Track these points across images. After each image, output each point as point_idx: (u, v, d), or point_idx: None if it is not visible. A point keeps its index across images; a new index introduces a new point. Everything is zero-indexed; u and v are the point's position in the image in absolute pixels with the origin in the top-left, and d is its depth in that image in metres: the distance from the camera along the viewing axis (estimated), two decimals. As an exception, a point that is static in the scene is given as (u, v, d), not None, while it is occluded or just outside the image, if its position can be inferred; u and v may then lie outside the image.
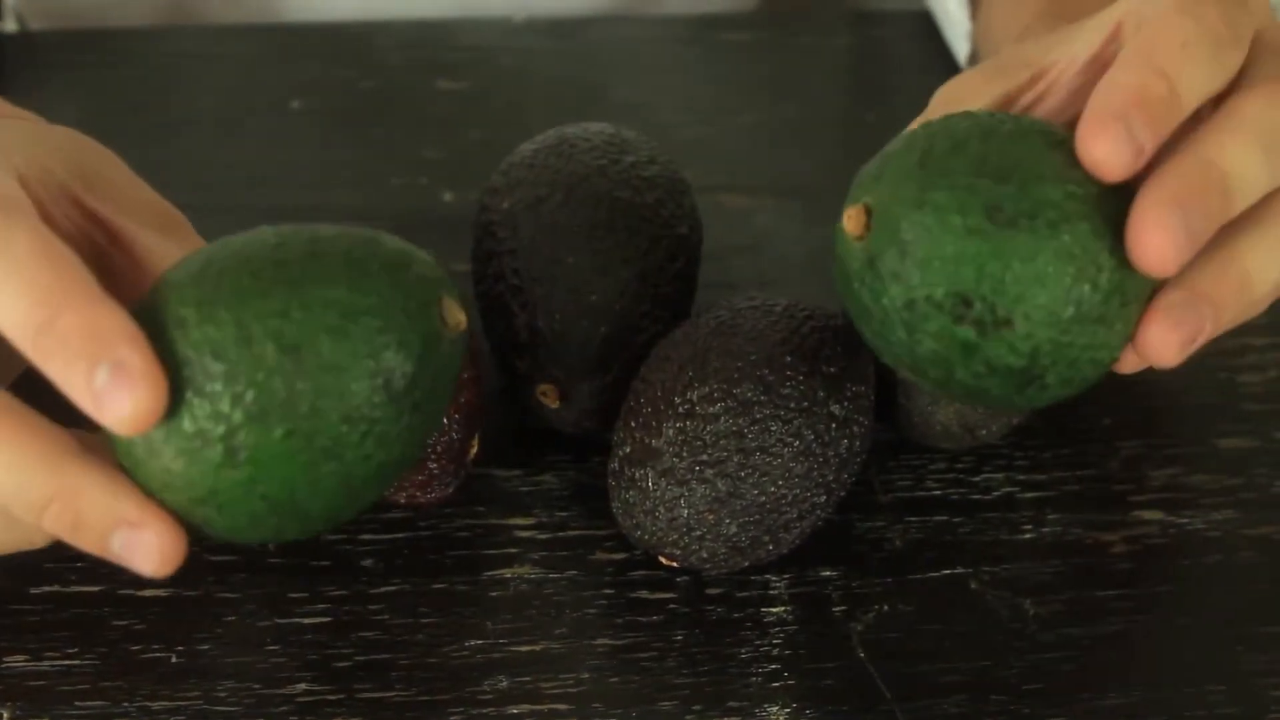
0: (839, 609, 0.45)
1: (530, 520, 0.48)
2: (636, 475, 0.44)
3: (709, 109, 0.64)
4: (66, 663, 0.43)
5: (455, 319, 0.37)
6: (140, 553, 0.36)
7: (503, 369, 0.49)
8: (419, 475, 0.45)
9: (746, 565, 0.45)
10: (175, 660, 0.43)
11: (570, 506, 0.48)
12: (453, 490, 0.46)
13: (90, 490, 0.35)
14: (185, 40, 0.67)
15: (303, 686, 0.43)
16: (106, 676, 0.43)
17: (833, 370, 0.44)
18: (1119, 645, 0.45)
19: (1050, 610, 0.45)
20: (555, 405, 0.47)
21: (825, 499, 0.44)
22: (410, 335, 0.36)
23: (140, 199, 0.41)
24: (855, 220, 0.38)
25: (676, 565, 0.45)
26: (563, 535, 0.47)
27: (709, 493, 0.43)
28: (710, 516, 0.43)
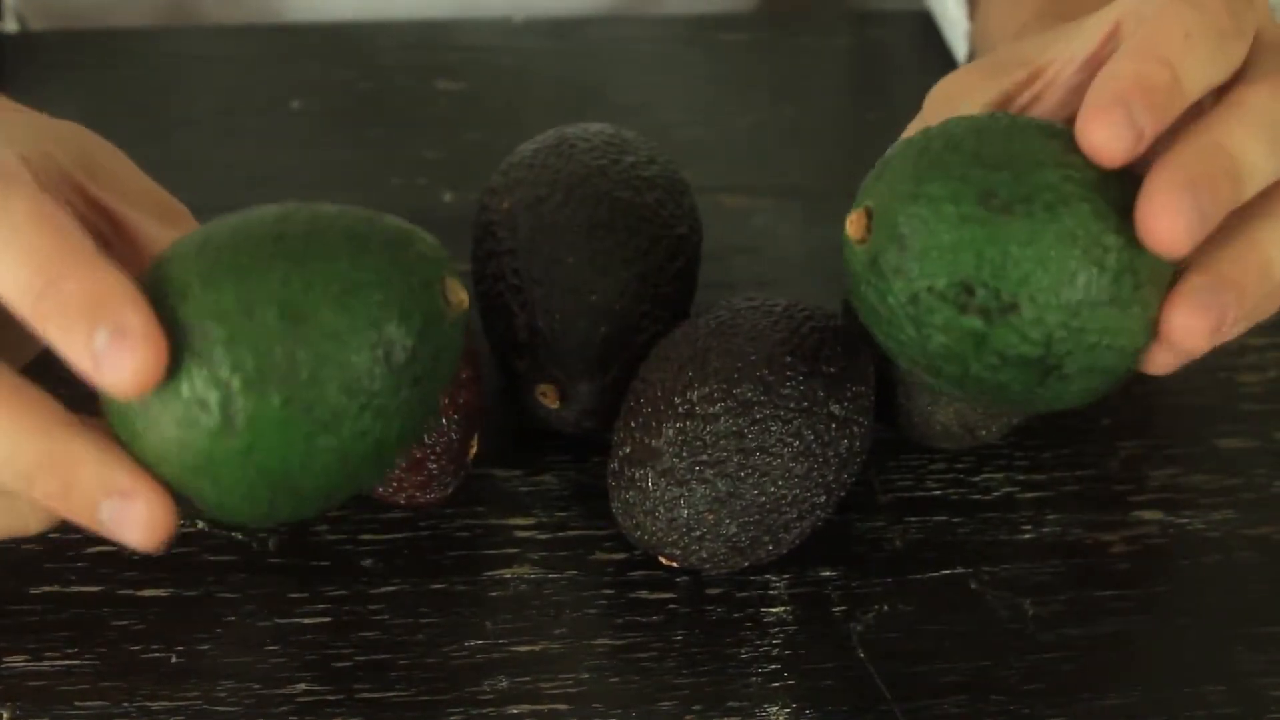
0: (839, 609, 0.45)
1: (530, 520, 0.48)
2: (636, 475, 0.44)
3: (709, 109, 0.64)
4: (66, 663, 0.43)
5: (458, 298, 0.37)
6: (130, 523, 0.35)
7: (503, 369, 0.49)
8: (419, 475, 0.45)
9: (746, 565, 0.45)
10: (175, 660, 0.43)
11: (570, 506, 0.48)
12: (452, 490, 0.46)
13: (81, 457, 0.35)
14: (185, 40, 0.67)
15: (303, 686, 0.43)
16: (106, 676, 0.43)
17: (833, 370, 0.44)
18: (1119, 645, 0.45)
19: (1050, 610, 0.45)
20: (555, 405, 0.47)
21: (825, 499, 0.44)
22: (412, 310, 0.36)
23: (143, 190, 0.41)
24: (856, 224, 0.38)
25: (676, 565, 0.45)
26: (562, 535, 0.47)
27: (709, 493, 0.43)
28: (710, 516, 0.43)
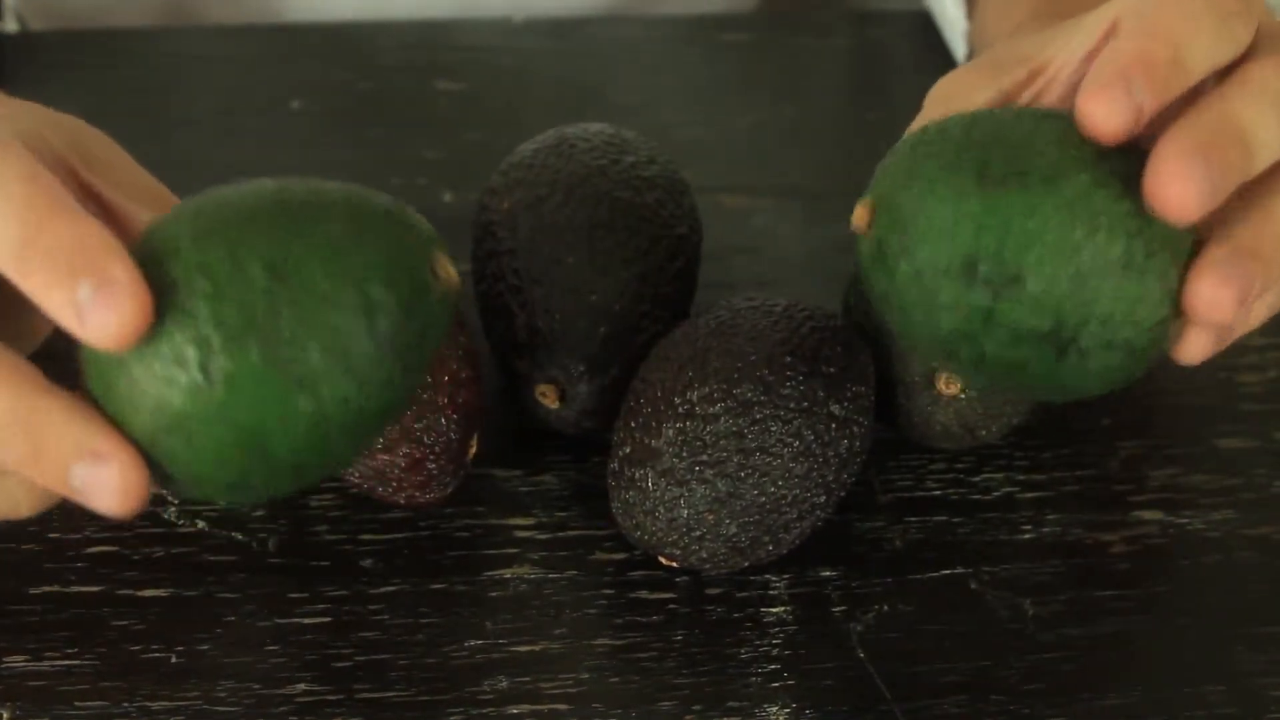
0: (839, 609, 0.45)
1: (530, 520, 0.48)
2: (636, 475, 0.44)
3: (709, 109, 0.64)
4: (66, 663, 0.43)
5: (447, 273, 0.37)
6: (102, 486, 0.34)
7: (503, 369, 0.49)
8: (419, 475, 0.45)
9: (746, 565, 0.45)
10: (175, 660, 0.43)
11: (570, 506, 0.48)
12: (452, 490, 0.46)
13: (53, 417, 0.34)
14: (185, 40, 0.67)
15: (302, 686, 0.43)
16: (106, 676, 0.43)
17: (833, 370, 0.44)
18: (1119, 645, 0.45)
19: (1050, 610, 0.45)
20: (555, 405, 0.47)
21: (825, 499, 0.44)
22: (400, 278, 0.36)
23: (136, 181, 0.41)
24: (860, 214, 0.38)
25: (676, 565, 0.45)
26: (562, 535, 0.47)
27: (709, 493, 0.43)
28: (710, 517, 0.43)
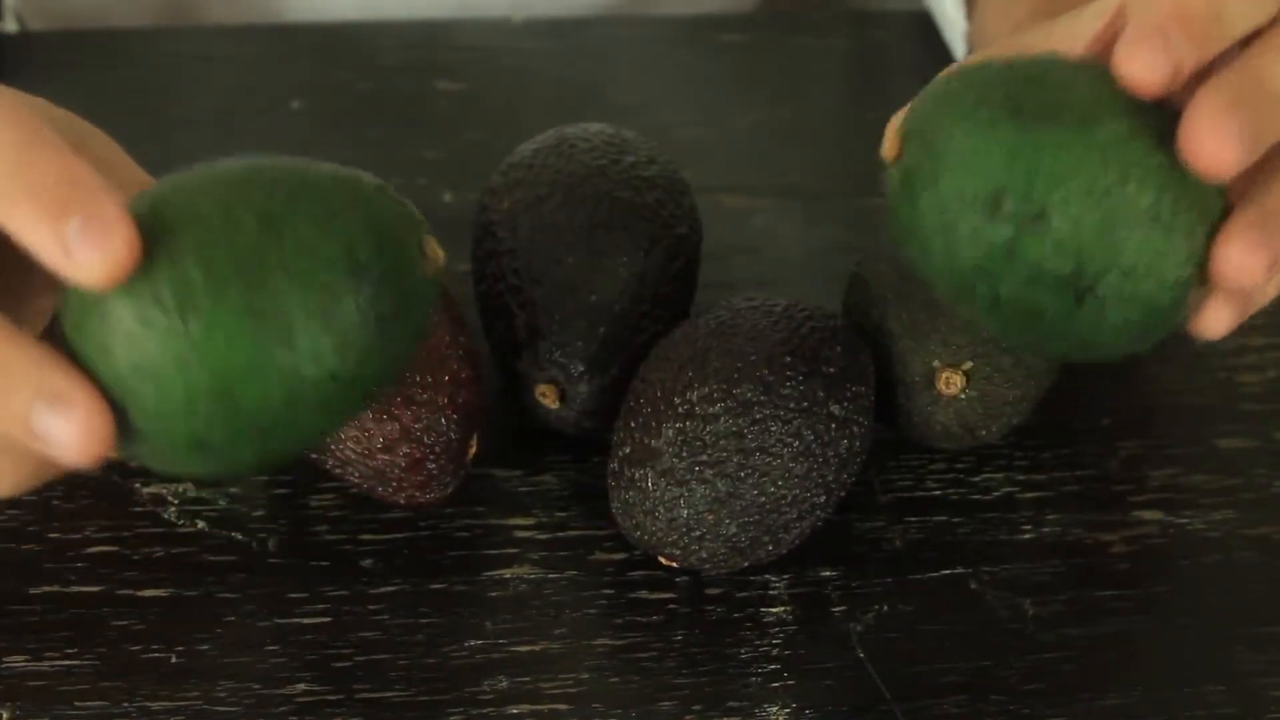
0: (839, 609, 0.45)
1: (530, 520, 0.48)
2: (636, 475, 0.44)
3: (709, 109, 0.64)
4: (66, 663, 0.43)
5: (434, 253, 0.37)
6: (63, 432, 0.33)
7: (503, 369, 0.49)
8: (418, 475, 0.45)
9: (746, 565, 0.45)
10: (175, 660, 0.43)
11: (570, 506, 0.48)
12: (452, 490, 0.46)
13: (16, 358, 0.34)
14: (185, 40, 0.67)
15: (302, 686, 0.43)
16: (106, 676, 0.43)
17: (833, 370, 0.44)
18: (1119, 645, 0.45)
19: (1050, 610, 0.45)
20: (555, 405, 0.47)
21: (825, 499, 0.44)
22: (389, 249, 0.36)
23: (133, 178, 0.41)
24: (891, 142, 0.38)
25: (676, 565, 0.45)
26: (562, 535, 0.47)
27: (709, 493, 0.43)
28: (710, 517, 0.43)
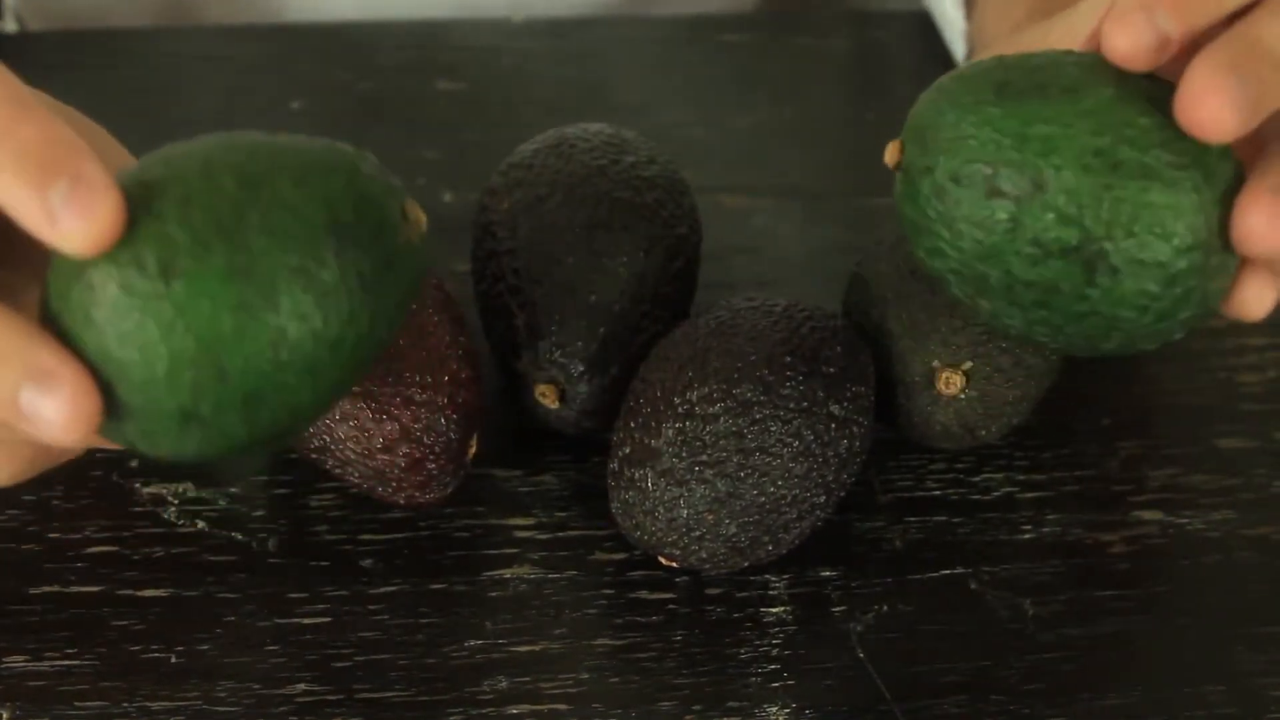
0: (839, 609, 0.45)
1: (530, 520, 0.48)
2: (636, 475, 0.44)
3: (709, 109, 0.64)
4: (66, 663, 0.43)
5: (416, 216, 0.37)
6: (51, 408, 0.33)
7: (502, 369, 0.49)
8: (418, 475, 0.45)
9: (746, 565, 0.45)
10: (175, 660, 0.43)
11: (570, 506, 0.48)
12: (452, 490, 0.46)
13: (2, 336, 0.33)
14: (185, 41, 0.67)
15: (302, 686, 0.43)
16: (106, 676, 0.43)
17: (833, 370, 0.44)
18: (1118, 645, 0.45)
19: (1050, 610, 0.45)
20: (554, 405, 0.47)
21: (825, 499, 0.44)
22: (369, 211, 0.36)
23: None
24: (892, 150, 0.39)
25: (676, 565, 0.45)
26: (562, 535, 0.47)
27: (708, 493, 0.43)
28: (710, 517, 0.43)
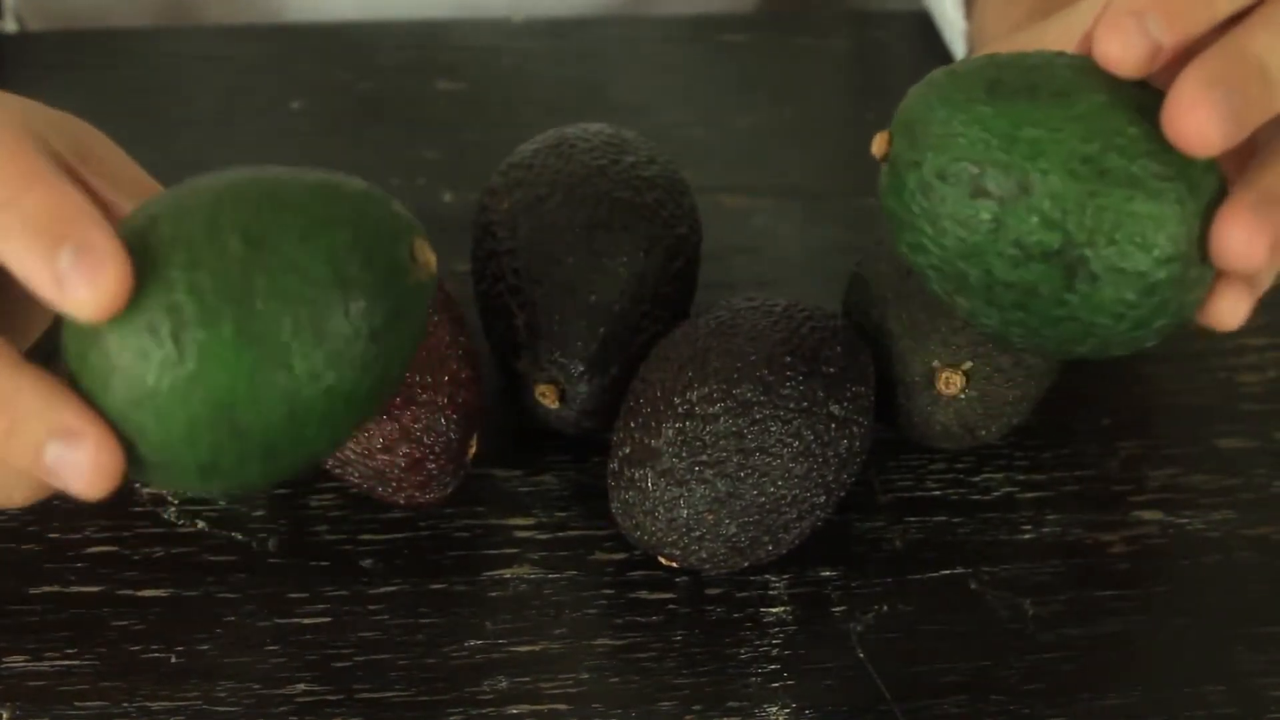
0: (839, 609, 0.45)
1: (530, 520, 0.48)
2: (636, 475, 0.44)
3: (709, 109, 0.64)
4: (66, 663, 0.43)
5: (425, 258, 0.37)
6: (74, 466, 0.34)
7: (502, 369, 0.49)
8: (418, 475, 0.45)
9: (746, 565, 0.45)
10: (175, 660, 0.43)
11: (570, 506, 0.48)
12: (452, 490, 0.46)
13: (27, 394, 0.34)
14: (185, 41, 0.67)
15: (302, 686, 0.43)
16: (106, 676, 0.43)
17: (833, 370, 0.44)
18: (1118, 645, 0.45)
19: (1050, 610, 0.45)
20: (554, 405, 0.47)
21: (825, 499, 0.44)
22: (376, 258, 0.35)
23: (133, 178, 0.41)
24: (879, 140, 0.39)
25: (676, 565, 0.45)
26: (562, 535, 0.47)
27: (708, 493, 0.43)
28: (710, 517, 0.43)
